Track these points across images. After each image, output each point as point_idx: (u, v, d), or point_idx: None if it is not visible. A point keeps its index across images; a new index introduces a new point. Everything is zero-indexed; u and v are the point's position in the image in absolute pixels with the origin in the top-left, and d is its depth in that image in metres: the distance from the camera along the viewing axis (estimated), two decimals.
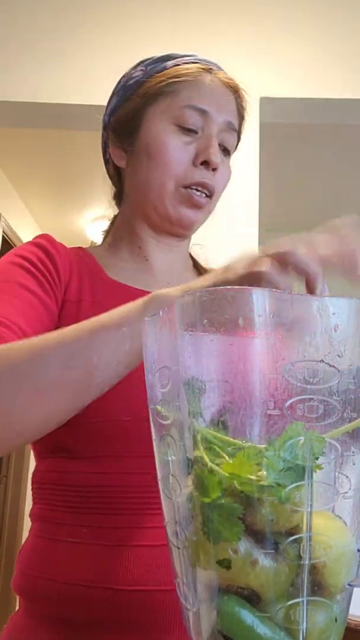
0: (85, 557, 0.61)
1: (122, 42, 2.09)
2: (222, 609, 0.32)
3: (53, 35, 2.12)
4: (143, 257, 0.80)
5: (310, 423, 0.31)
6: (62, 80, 2.08)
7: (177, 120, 0.74)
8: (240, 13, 2.14)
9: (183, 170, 0.74)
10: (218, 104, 0.75)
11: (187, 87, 0.75)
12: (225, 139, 0.77)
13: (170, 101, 0.75)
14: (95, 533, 0.62)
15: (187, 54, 0.79)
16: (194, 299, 0.34)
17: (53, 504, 0.66)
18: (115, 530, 0.62)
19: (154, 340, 0.37)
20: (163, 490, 0.36)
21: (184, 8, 2.14)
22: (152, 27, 2.10)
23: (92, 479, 0.64)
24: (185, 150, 0.74)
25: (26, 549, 0.68)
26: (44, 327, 0.66)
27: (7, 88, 2.08)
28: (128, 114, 0.79)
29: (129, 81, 0.80)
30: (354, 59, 2.11)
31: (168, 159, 0.74)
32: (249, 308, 0.32)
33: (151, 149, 0.75)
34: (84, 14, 2.15)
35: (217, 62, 0.81)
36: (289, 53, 2.11)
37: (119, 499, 0.63)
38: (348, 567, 0.33)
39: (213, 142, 0.74)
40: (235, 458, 0.31)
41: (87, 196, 3.45)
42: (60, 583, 0.61)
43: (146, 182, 0.76)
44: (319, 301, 0.32)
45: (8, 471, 3.68)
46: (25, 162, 3.15)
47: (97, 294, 0.73)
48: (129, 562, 0.60)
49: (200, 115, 0.74)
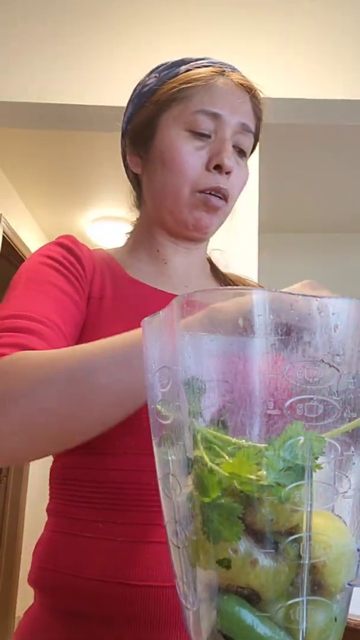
0: (100, 552, 0.62)
1: (123, 44, 2.09)
2: (222, 608, 0.32)
3: (54, 36, 2.12)
4: (161, 260, 0.82)
5: (310, 423, 0.32)
6: (63, 81, 2.08)
7: (190, 125, 0.75)
8: (240, 14, 2.14)
9: (197, 175, 0.74)
10: (231, 106, 0.75)
11: (199, 92, 0.75)
12: (240, 141, 0.77)
13: (182, 107, 0.76)
14: (111, 529, 0.63)
15: (200, 57, 0.80)
16: (194, 299, 0.34)
17: (69, 500, 0.68)
18: (130, 527, 0.63)
19: (154, 340, 0.37)
20: (163, 490, 0.36)
21: (184, 10, 2.14)
22: (153, 30, 2.10)
23: (108, 475, 0.65)
24: (199, 155, 0.74)
25: (42, 544, 0.69)
26: (76, 325, 0.69)
27: (7, 88, 2.08)
28: (143, 122, 0.80)
29: (143, 89, 0.81)
30: (353, 60, 2.11)
31: (181, 165, 0.74)
32: (249, 308, 0.32)
33: (165, 155, 0.76)
34: (86, 15, 2.15)
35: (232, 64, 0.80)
36: (288, 54, 2.11)
37: (134, 496, 0.63)
38: (348, 567, 0.33)
39: (226, 146, 0.74)
40: (235, 458, 0.31)
41: (88, 196, 3.45)
42: (76, 577, 0.62)
43: (161, 189, 0.78)
44: (319, 301, 0.32)
45: (8, 471, 3.68)
46: (26, 162, 3.15)
47: (118, 291, 0.75)
48: (143, 558, 0.61)
49: (212, 119, 0.74)
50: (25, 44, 2.12)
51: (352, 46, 2.12)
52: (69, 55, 2.11)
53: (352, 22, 2.14)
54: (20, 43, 2.12)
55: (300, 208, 3.60)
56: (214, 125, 0.75)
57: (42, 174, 3.28)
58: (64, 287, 0.70)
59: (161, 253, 0.82)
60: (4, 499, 3.62)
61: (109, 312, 0.72)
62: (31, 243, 3.65)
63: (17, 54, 2.11)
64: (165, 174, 0.76)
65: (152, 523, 0.62)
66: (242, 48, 2.08)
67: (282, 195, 3.34)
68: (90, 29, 2.13)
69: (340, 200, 3.49)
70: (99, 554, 0.62)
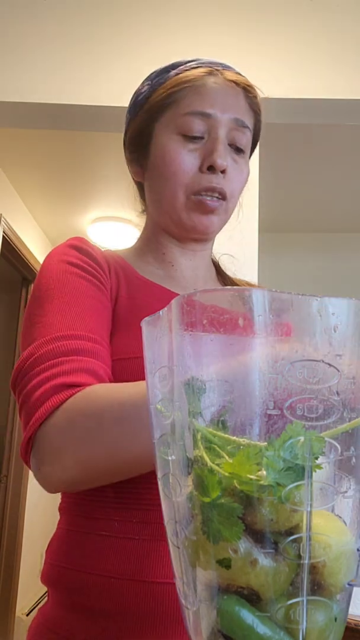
0: (115, 550, 0.63)
1: (123, 45, 2.09)
2: (222, 608, 0.32)
3: (55, 36, 2.12)
4: (168, 262, 0.82)
5: (310, 423, 0.32)
6: (63, 81, 2.08)
7: (181, 129, 0.74)
8: (240, 14, 2.14)
9: (191, 178, 0.74)
10: (223, 103, 0.75)
11: (188, 94, 0.75)
12: (236, 138, 0.76)
13: (173, 111, 0.76)
14: (126, 527, 0.64)
15: (191, 59, 0.79)
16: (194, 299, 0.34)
17: (82, 498, 0.68)
18: (145, 525, 0.63)
19: (154, 340, 0.37)
20: (163, 490, 0.36)
21: (184, 10, 2.14)
22: (153, 30, 2.10)
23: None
24: (192, 158, 0.74)
25: (55, 542, 0.70)
26: (110, 324, 0.71)
27: (7, 88, 2.08)
28: (138, 131, 0.80)
29: (138, 98, 0.82)
30: (354, 59, 2.11)
31: (175, 169, 0.74)
32: (249, 308, 0.32)
33: (159, 161, 0.76)
34: (86, 16, 2.15)
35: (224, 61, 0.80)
36: (288, 53, 2.11)
37: (148, 495, 0.64)
38: (348, 567, 0.33)
39: (218, 145, 0.73)
40: (235, 457, 0.31)
41: (88, 196, 3.45)
42: (90, 574, 0.63)
43: (160, 194, 0.78)
44: (319, 301, 0.32)
45: (8, 471, 3.67)
46: (26, 162, 3.15)
47: (131, 290, 0.75)
48: (160, 556, 0.62)
49: (203, 120, 0.74)
50: (26, 44, 2.12)
51: (352, 46, 2.12)
52: (69, 55, 2.11)
53: (353, 21, 2.14)
54: (20, 43, 2.12)
55: (300, 208, 3.60)
56: (205, 126, 0.74)
57: (42, 174, 3.28)
58: (95, 294, 0.70)
59: (167, 256, 0.82)
60: (4, 499, 3.62)
61: (123, 310, 0.72)
62: (31, 243, 3.65)
63: (17, 53, 2.11)
64: (161, 179, 0.77)
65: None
66: (242, 48, 2.08)
67: (282, 195, 3.34)
68: (91, 29, 2.13)
69: (340, 200, 3.48)
70: (114, 552, 0.63)
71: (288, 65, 2.09)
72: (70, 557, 0.66)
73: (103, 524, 0.65)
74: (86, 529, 0.66)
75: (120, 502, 0.64)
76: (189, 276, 0.83)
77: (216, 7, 2.15)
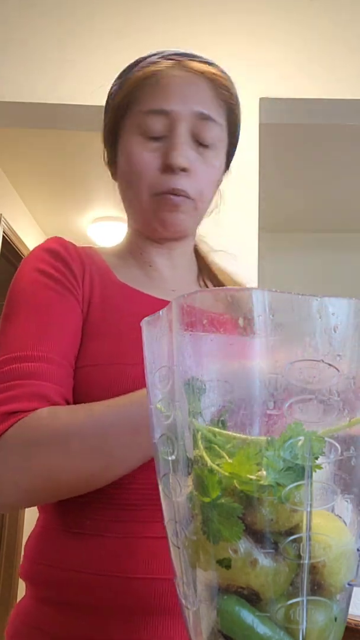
0: (89, 547, 0.64)
1: (121, 43, 2.09)
2: (222, 608, 0.32)
3: (53, 36, 2.12)
4: (147, 263, 0.81)
5: (310, 423, 0.32)
6: (62, 81, 2.08)
7: (141, 129, 0.73)
8: (240, 13, 2.14)
9: (152, 178, 0.73)
10: (182, 97, 0.72)
11: (147, 91, 0.73)
12: (202, 133, 0.73)
13: (134, 111, 0.74)
14: (99, 525, 0.65)
15: (154, 52, 0.77)
16: (194, 299, 0.34)
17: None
18: (118, 523, 0.64)
19: (154, 340, 0.37)
20: (163, 490, 0.36)
21: (182, 8, 2.14)
22: (150, 28, 2.10)
23: None
24: (153, 158, 0.72)
25: (32, 539, 0.71)
26: (78, 337, 0.70)
27: (7, 88, 2.08)
28: (108, 131, 0.80)
29: (109, 98, 0.81)
30: (353, 59, 2.11)
31: (137, 170, 0.73)
32: (249, 308, 0.32)
33: (124, 162, 0.76)
34: (84, 15, 2.15)
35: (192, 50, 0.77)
36: (288, 53, 2.11)
37: (120, 494, 0.64)
38: (348, 567, 0.33)
39: (176, 144, 0.71)
40: (235, 457, 0.31)
41: (88, 196, 3.45)
42: (65, 570, 0.64)
43: (127, 194, 0.78)
44: (319, 301, 0.32)
45: None
46: (25, 162, 3.15)
47: (106, 295, 0.74)
48: (129, 552, 0.63)
49: (163, 117, 0.72)
50: (26, 44, 2.11)
51: (352, 46, 2.12)
52: (69, 55, 2.11)
53: (352, 21, 2.14)
54: (20, 43, 2.12)
55: (300, 208, 3.60)
56: (165, 124, 0.72)
57: (42, 174, 3.28)
58: (64, 306, 0.69)
59: (144, 256, 0.81)
60: None
61: (95, 318, 0.71)
62: (31, 243, 3.65)
63: (17, 53, 2.11)
64: (127, 180, 0.76)
65: (139, 520, 0.64)
66: (242, 48, 2.08)
67: (282, 195, 3.34)
68: (91, 29, 2.13)
69: (340, 200, 3.48)
70: (88, 549, 0.64)
71: (288, 65, 2.09)
72: (43, 553, 0.67)
73: (75, 521, 0.66)
74: (60, 526, 0.67)
75: (93, 501, 0.65)
76: (168, 276, 0.81)
77: (215, 9, 2.15)
